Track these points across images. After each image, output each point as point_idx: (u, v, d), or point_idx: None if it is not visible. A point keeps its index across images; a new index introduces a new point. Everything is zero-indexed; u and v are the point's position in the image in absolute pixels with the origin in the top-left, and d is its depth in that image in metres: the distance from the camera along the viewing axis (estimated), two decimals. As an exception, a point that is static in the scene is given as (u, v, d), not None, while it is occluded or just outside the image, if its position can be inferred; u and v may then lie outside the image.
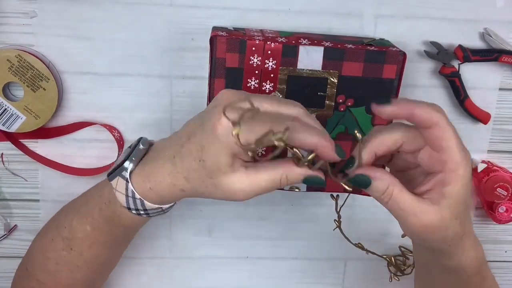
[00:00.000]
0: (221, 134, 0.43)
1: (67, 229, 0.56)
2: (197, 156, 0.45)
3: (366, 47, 0.59)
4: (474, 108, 0.68)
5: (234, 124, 0.41)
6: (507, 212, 0.71)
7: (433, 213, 0.44)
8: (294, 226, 0.74)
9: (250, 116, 0.41)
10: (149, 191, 0.49)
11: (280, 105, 0.45)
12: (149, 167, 0.49)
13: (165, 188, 0.49)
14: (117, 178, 0.51)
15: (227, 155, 0.44)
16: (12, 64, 0.61)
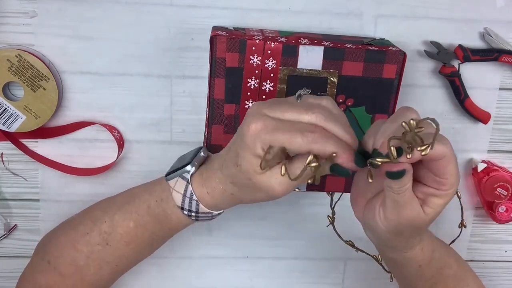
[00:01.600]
0: (249, 140, 0.46)
1: (107, 224, 0.57)
2: (235, 162, 0.49)
3: (366, 47, 0.59)
4: (474, 108, 0.68)
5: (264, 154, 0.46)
6: (507, 212, 0.71)
7: (420, 214, 0.47)
8: (294, 226, 0.74)
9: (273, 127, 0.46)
10: (206, 195, 0.54)
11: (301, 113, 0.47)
12: (206, 174, 0.54)
13: (219, 193, 0.53)
14: (177, 179, 0.55)
15: (256, 157, 0.47)
16: (12, 64, 0.61)
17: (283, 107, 0.47)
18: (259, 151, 0.46)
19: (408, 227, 0.49)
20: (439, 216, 0.49)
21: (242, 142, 0.47)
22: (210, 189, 0.53)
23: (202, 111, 0.66)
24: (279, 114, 0.47)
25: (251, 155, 0.47)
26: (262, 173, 0.48)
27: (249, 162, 0.47)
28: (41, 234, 0.70)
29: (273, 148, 0.46)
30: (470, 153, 0.72)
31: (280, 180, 0.48)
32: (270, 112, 0.47)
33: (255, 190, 0.50)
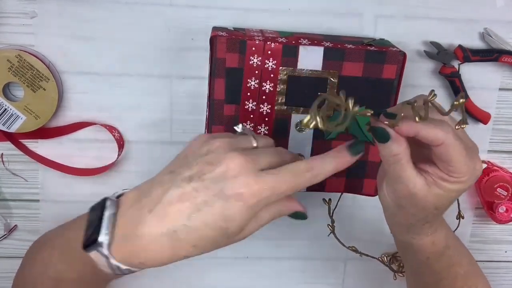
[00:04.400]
0: (253, 203, 0.44)
1: (52, 271, 0.52)
2: (217, 226, 0.44)
3: (366, 47, 0.59)
4: (474, 108, 0.68)
5: None
6: (507, 212, 0.71)
7: (422, 191, 0.47)
8: (294, 226, 0.74)
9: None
10: (138, 264, 0.46)
11: (282, 156, 0.48)
12: (133, 243, 0.44)
13: (161, 259, 0.45)
14: (95, 253, 0.45)
15: (253, 217, 0.45)
16: (12, 64, 0.61)
17: (265, 155, 0.46)
18: (259, 210, 0.45)
19: (409, 203, 0.49)
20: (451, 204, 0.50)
21: (240, 205, 0.43)
22: (146, 259, 0.45)
23: (202, 111, 0.66)
24: (266, 163, 0.45)
25: (249, 217, 0.44)
26: (246, 230, 0.46)
27: (243, 223, 0.44)
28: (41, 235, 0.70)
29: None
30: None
31: (255, 229, 0.47)
32: (260, 166, 0.45)
33: (223, 245, 0.46)
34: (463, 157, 0.45)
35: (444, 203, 0.49)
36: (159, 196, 0.44)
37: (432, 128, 0.45)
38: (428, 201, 0.48)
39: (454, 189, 0.47)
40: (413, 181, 0.47)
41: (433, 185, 0.47)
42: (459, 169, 0.46)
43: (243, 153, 0.45)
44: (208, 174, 0.44)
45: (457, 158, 0.45)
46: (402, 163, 0.47)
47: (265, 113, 0.61)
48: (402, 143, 0.46)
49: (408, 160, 0.47)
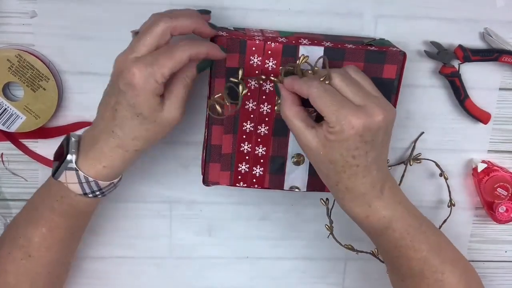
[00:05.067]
0: (141, 84, 0.51)
1: (22, 238, 0.58)
2: (134, 115, 0.52)
3: (366, 47, 0.59)
4: (474, 108, 0.68)
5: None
6: (507, 212, 0.71)
7: (312, 142, 0.53)
8: (294, 226, 0.74)
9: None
10: (102, 170, 0.55)
11: (152, 33, 0.52)
12: (93, 152, 0.54)
13: (118, 159, 0.55)
14: (64, 173, 0.55)
15: (155, 96, 0.52)
16: (12, 64, 0.61)
17: (141, 41, 0.52)
18: (156, 86, 0.51)
19: (310, 158, 0.55)
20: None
21: (134, 91, 0.51)
22: (106, 161, 0.55)
23: (202, 111, 0.66)
24: (145, 48, 0.52)
25: (149, 96, 0.51)
26: (160, 109, 0.53)
27: (149, 103, 0.51)
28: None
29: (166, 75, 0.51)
30: (470, 153, 0.72)
31: (177, 105, 0.54)
32: (137, 53, 0.51)
33: (159, 129, 0.54)
34: (328, 107, 0.50)
35: (334, 156, 0.51)
36: (99, 111, 0.55)
37: (300, 83, 0.53)
38: (320, 153, 0.52)
39: (333, 139, 0.50)
40: (301, 132, 0.53)
41: (322, 136, 0.51)
42: (328, 118, 0.50)
43: (122, 52, 0.53)
44: (110, 85, 0.55)
45: (322, 108, 0.51)
46: (289, 116, 0.54)
47: (265, 113, 0.61)
48: (287, 98, 0.54)
49: (295, 114, 0.54)
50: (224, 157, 0.62)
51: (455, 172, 0.72)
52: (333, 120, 0.50)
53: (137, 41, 0.52)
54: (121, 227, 0.71)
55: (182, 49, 0.52)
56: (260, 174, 0.63)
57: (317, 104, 0.51)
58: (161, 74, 0.51)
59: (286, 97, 0.55)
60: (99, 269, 0.73)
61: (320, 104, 0.51)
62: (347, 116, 0.50)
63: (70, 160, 0.54)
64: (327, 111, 0.50)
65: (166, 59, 0.51)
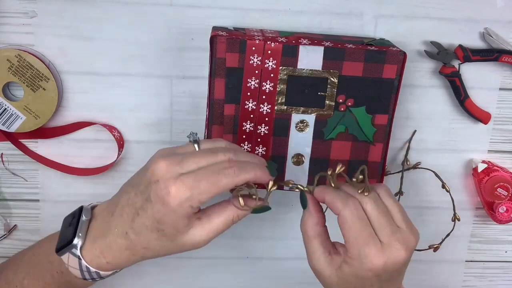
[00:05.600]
0: (174, 206, 0.47)
1: (19, 287, 0.56)
2: (154, 228, 0.48)
3: (366, 47, 0.59)
4: (475, 108, 0.68)
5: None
6: (507, 212, 0.71)
7: (325, 270, 0.51)
8: (294, 226, 0.73)
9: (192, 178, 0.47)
10: (106, 265, 0.52)
11: (210, 157, 0.49)
12: (100, 243, 0.51)
13: (124, 260, 0.52)
14: (67, 255, 0.52)
15: (184, 219, 0.48)
16: (12, 64, 0.61)
17: (192, 159, 0.48)
18: (189, 211, 0.47)
19: (319, 280, 0.52)
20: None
21: (164, 208, 0.47)
22: (111, 258, 0.51)
23: (202, 111, 0.66)
24: (193, 166, 0.48)
25: (179, 219, 0.47)
26: (186, 232, 0.49)
27: (176, 225, 0.48)
28: (41, 235, 0.70)
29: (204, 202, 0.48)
30: (470, 154, 0.72)
31: (203, 237, 0.50)
32: (182, 169, 0.47)
33: (175, 248, 0.50)
34: (355, 239, 0.48)
35: (347, 286, 0.50)
36: (121, 202, 0.51)
37: (334, 198, 0.50)
38: (334, 282, 0.50)
39: (350, 272, 0.49)
40: (316, 257, 0.51)
41: (337, 266, 0.50)
42: (350, 251, 0.48)
43: (169, 158, 0.48)
44: (141, 181, 0.49)
45: (348, 237, 0.48)
46: (309, 235, 0.52)
47: (265, 113, 0.61)
48: (314, 215, 0.52)
49: (315, 235, 0.51)
50: (224, 157, 0.62)
51: (455, 172, 0.72)
52: (354, 253, 0.48)
53: (191, 157, 0.48)
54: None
55: (228, 177, 0.47)
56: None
57: (345, 230, 0.49)
58: (198, 200, 0.47)
59: (313, 214, 0.52)
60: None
61: (347, 231, 0.48)
62: (369, 255, 0.48)
63: (75, 245, 0.51)
64: (352, 242, 0.48)
65: (209, 186, 0.47)
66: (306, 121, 0.61)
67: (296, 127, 0.61)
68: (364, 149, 0.63)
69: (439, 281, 0.78)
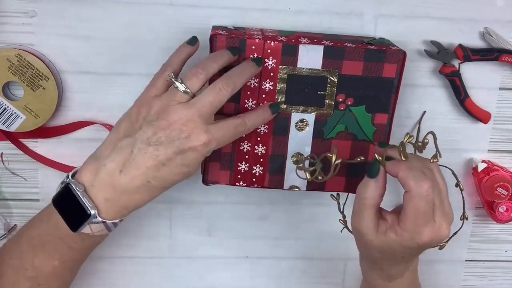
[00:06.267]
0: (208, 151, 0.55)
1: (30, 270, 0.56)
2: (181, 172, 0.54)
3: (366, 46, 0.59)
4: (474, 107, 0.68)
5: None
6: (507, 212, 0.71)
7: (370, 234, 0.53)
8: (294, 226, 0.74)
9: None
10: (128, 213, 0.56)
11: (209, 69, 0.56)
12: (119, 202, 0.54)
13: (145, 201, 0.56)
14: (88, 227, 0.54)
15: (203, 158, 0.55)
16: (12, 63, 0.61)
17: (203, 98, 0.54)
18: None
19: (357, 239, 0.56)
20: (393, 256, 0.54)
21: (197, 153, 0.53)
22: (132, 207, 0.55)
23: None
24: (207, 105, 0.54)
25: (204, 156, 0.55)
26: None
27: (199, 165, 0.55)
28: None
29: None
30: (470, 153, 0.72)
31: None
32: (208, 119, 0.55)
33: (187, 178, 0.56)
34: (416, 215, 0.50)
35: (386, 250, 0.53)
36: (125, 158, 0.53)
37: (408, 174, 0.51)
38: (374, 244, 0.53)
39: (395, 240, 0.52)
40: (366, 221, 0.53)
41: (382, 232, 0.52)
42: (406, 222, 0.51)
43: (187, 109, 0.53)
44: (164, 136, 0.53)
45: (409, 212, 0.50)
46: (368, 203, 0.53)
47: (265, 112, 0.61)
48: (381, 187, 0.53)
49: (374, 204, 0.53)
50: (223, 156, 0.62)
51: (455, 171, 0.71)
52: (409, 227, 0.51)
53: (203, 101, 0.54)
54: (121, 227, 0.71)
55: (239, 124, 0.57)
56: (259, 174, 0.63)
57: (409, 207, 0.51)
58: (219, 145, 0.56)
59: (380, 186, 0.53)
60: (99, 269, 0.73)
61: (411, 208, 0.50)
62: (422, 233, 0.51)
63: (94, 214, 0.53)
64: (411, 218, 0.51)
65: (230, 138, 0.57)
66: (306, 120, 0.61)
67: (296, 126, 0.61)
68: (364, 148, 0.63)
69: (439, 281, 0.77)
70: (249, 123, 0.57)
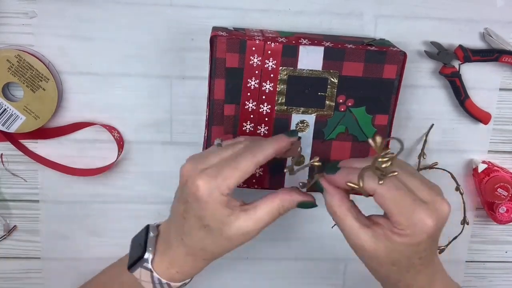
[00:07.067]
0: (205, 197, 0.49)
1: None
2: (200, 226, 0.50)
3: (366, 47, 0.59)
4: (475, 108, 0.68)
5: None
6: (507, 213, 0.71)
7: (368, 243, 0.47)
8: (295, 227, 0.74)
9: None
10: (175, 275, 0.54)
11: (229, 150, 0.52)
12: (167, 256, 0.54)
13: (189, 267, 0.54)
14: (139, 270, 0.54)
15: (223, 209, 0.49)
16: (11, 64, 0.61)
17: (213, 154, 0.51)
18: (222, 199, 0.49)
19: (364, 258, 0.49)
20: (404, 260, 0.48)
21: (199, 203, 0.49)
22: (178, 267, 0.54)
23: (202, 111, 0.66)
24: (215, 159, 0.51)
25: (217, 208, 0.49)
26: (231, 222, 0.50)
27: (217, 216, 0.49)
28: (40, 235, 0.70)
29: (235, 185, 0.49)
30: (470, 154, 0.72)
31: (250, 227, 0.50)
32: (205, 165, 0.50)
33: (227, 244, 0.52)
34: (400, 208, 0.45)
35: (398, 258, 0.47)
36: (171, 214, 0.55)
37: (364, 176, 0.46)
38: (380, 255, 0.47)
39: (402, 242, 0.46)
40: (354, 233, 0.48)
41: (382, 237, 0.47)
42: (398, 221, 0.46)
43: (192, 159, 0.52)
44: (178, 188, 0.53)
45: (393, 209, 0.45)
46: (338, 215, 0.48)
47: (265, 113, 0.61)
48: (336, 196, 0.49)
49: (345, 212, 0.48)
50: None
51: (456, 172, 0.71)
52: (404, 223, 0.45)
53: (212, 153, 0.52)
54: (121, 228, 0.71)
55: (246, 159, 0.50)
56: (260, 175, 0.63)
57: (387, 205, 0.46)
58: (226, 186, 0.49)
59: (333, 192, 0.49)
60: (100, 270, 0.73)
61: (389, 205, 0.45)
62: (421, 219, 0.45)
63: (147, 259, 0.53)
64: (398, 213, 0.45)
65: (231, 170, 0.49)
66: (306, 121, 0.61)
67: (296, 127, 0.61)
68: (364, 149, 0.63)
69: (439, 282, 0.77)
70: (258, 154, 0.51)
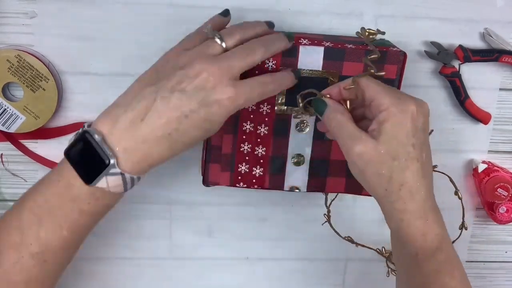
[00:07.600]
0: (233, 109, 0.52)
1: (34, 245, 0.51)
2: (203, 128, 0.51)
3: (366, 47, 0.59)
4: (475, 108, 0.68)
5: None
6: (507, 213, 0.71)
7: (369, 143, 0.50)
8: (295, 227, 0.74)
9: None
10: (147, 167, 0.52)
11: (246, 56, 0.53)
12: (138, 152, 0.50)
13: (165, 158, 0.52)
14: (105, 179, 0.49)
15: (228, 116, 0.52)
16: (11, 64, 0.61)
17: (233, 58, 0.52)
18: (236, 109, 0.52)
19: (364, 163, 0.50)
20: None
21: (222, 109, 0.51)
22: (151, 160, 0.51)
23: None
24: (241, 64, 0.52)
25: (228, 113, 0.52)
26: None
27: (222, 123, 0.52)
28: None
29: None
30: (470, 154, 0.72)
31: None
32: (234, 73, 0.52)
33: (208, 136, 0.54)
34: (387, 92, 0.50)
35: (396, 148, 0.49)
36: (147, 106, 0.50)
37: (348, 79, 0.53)
38: (382, 152, 0.49)
39: (391, 125, 0.49)
40: (357, 136, 0.50)
41: (378, 133, 0.50)
42: (382, 103, 0.50)
43: (216, 62, 0.51)
44: (189, 86, 0.50)
45: (380, 91, 0.51)
46: (340, 122, 0.52)
47: (265, 113, 0.61)
48: (337, 105, 0.53)
49: (348, 119, 0.52)
50: (224, 158, 0.62)
51: (456, 172, 0.72)
52: (386, 102, 0.50)
53: (233, 57, 0.52)
54: (121, 228, 0.71)
55: (262, 50, 0.54)
56: (260, 175, 0.63)
57: (376, 89, 0.51)
58: (247, 103, 0.54)
59: (336, 104, 0.54)
60: (99, 270, 0.73)
61: (378, 89, 0.51)
62: (405, 101, 0.50)
63: (113, 164, 0.49)
64: (383, 95, 0.50)
65: (257, 96, 0.54)
66: (306, 121, 0.61)
67: (296, 127, 0.61)
68: None
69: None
70: (276, 82, 0.55)
